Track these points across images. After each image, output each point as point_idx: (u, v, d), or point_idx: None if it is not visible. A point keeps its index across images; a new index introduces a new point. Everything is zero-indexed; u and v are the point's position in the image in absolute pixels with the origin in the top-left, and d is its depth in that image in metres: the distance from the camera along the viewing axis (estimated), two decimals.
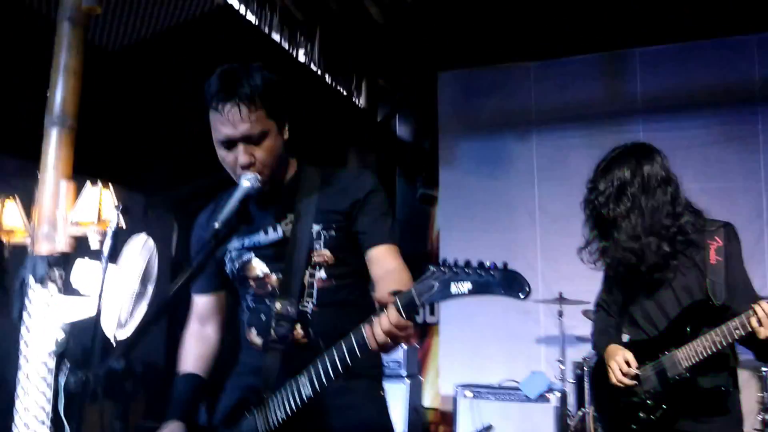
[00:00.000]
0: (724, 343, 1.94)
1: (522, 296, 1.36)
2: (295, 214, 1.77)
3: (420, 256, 6.11)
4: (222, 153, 1.72)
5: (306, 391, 1.56)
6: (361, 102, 5.67)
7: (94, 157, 3.59)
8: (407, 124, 6.53)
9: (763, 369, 4.33)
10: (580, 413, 4.28)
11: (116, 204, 3.09)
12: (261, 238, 1.79)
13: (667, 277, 2.11)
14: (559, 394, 4.18)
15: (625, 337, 2.22)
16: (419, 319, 6.17)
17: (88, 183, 3.26)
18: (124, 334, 2.83)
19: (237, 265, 1.82)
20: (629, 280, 2.19)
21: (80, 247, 3.09)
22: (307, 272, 1.74)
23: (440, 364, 5.90)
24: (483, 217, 5.75)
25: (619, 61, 5.77)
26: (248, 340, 1.80)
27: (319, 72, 5.04)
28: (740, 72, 5.41)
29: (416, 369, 4.83)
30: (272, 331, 1.72)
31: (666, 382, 2.01)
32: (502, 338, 5.58)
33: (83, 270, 3.06)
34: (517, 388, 4.32)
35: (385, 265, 1.72)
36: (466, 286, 1.37)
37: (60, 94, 2.96)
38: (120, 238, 3.26)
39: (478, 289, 1.37)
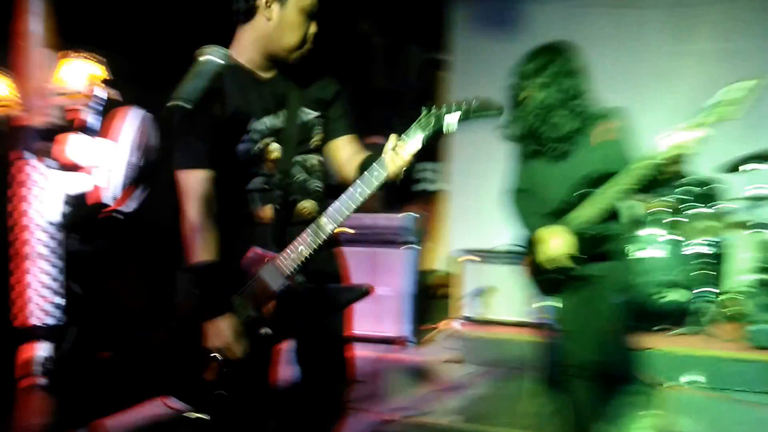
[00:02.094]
0: (620, 194, 2.32)
1: (500, 113, 1.71)
2: (297, 101, 1.92)
3: None
4: (300, 20, 1.84)
5: (330, 227, 1.80)
6: None
7: (82, 24, 3.47)
8: None
9: (758, 230, 4.41)
10: None
11: (103, 74, 3.02)
12: (277, 122, 1.89)
13: (565, 154, 2.50)
14: None
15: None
16: (432, 186, 6.17)
17: (74, 53, 3.18)
18: (121, 206, 2.86)
19: (258, 147, 1.88)
20: (534, 159, 2.58)
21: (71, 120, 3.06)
22: (313, 155, 1.95)
23: (450, 229, 5.98)
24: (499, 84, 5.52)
25: None
26: (258, 216, 1.90)
27: None
28: None
29: (423, 235, 4.92)
30: (292, 205, 1.92)
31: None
32: None
33: (77, 143, 3.04)
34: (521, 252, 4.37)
35: (354, 147, 2.03)
36: (456, 115, 1.68)
37: None
38: (111, 110, 3.24)
39: (465, 114, 1.69)
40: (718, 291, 4.57)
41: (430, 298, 5.01)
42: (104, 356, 1.79)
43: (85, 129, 2.96)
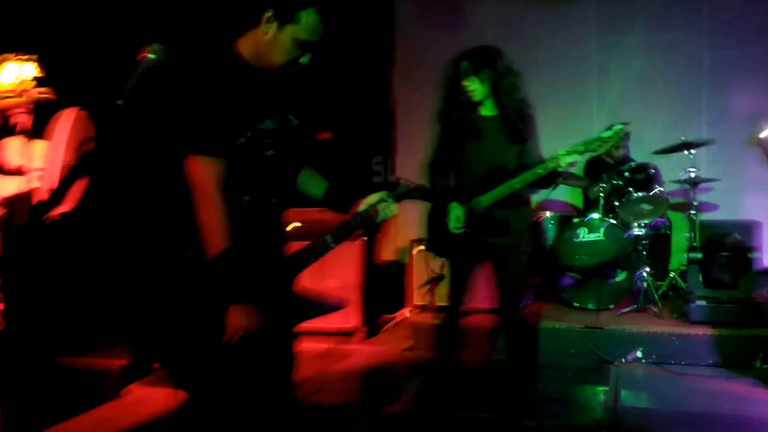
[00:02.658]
0: (518, 186, 2.89)
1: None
2: (288, 109, 2.09)
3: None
4: (291, 47, 1.95)
5: (333, 245, 2.13)
6: None
7: (18, 27, 3.40)
8: None
9: (692, 212, 4.63)
10: None
11: (39, 76, 2.97)
12: (273, 124, 2.03)
13: (486, 138, 2.98)
14: None
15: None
16: (380, 178, 6.23)
17: (10, 55, 3.10)
18: (60, 207, 2.82)
19: (256, 144, 1.98)
20: (461, 140, 3.03)
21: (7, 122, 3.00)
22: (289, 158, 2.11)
23: (401, 221, 6.03)
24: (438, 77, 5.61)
25: None
26: (248, 209, 2.00)
27: None
28: None
29: (374, 226, 4.97)
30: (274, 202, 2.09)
31: (472, 215, 3.02)
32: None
33: (13, 146, 2.99)
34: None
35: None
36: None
37: None
38: (47, 111, 3.18)
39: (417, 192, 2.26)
40: (657, 271, 4.78)
41: (382, 289, 5.05)
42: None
43: (21, 131, 2.91)
